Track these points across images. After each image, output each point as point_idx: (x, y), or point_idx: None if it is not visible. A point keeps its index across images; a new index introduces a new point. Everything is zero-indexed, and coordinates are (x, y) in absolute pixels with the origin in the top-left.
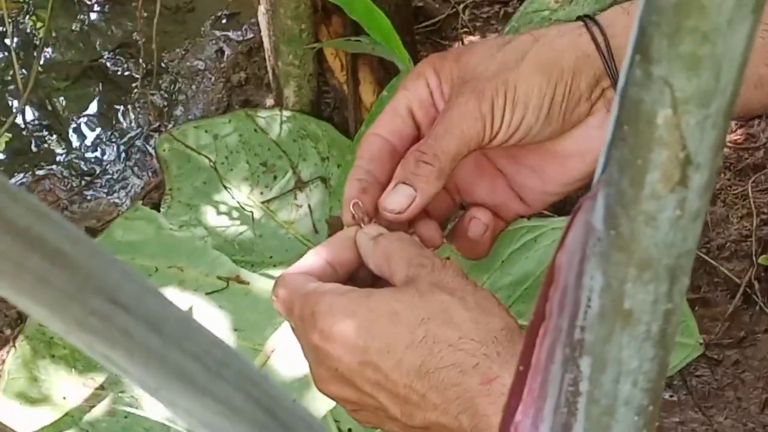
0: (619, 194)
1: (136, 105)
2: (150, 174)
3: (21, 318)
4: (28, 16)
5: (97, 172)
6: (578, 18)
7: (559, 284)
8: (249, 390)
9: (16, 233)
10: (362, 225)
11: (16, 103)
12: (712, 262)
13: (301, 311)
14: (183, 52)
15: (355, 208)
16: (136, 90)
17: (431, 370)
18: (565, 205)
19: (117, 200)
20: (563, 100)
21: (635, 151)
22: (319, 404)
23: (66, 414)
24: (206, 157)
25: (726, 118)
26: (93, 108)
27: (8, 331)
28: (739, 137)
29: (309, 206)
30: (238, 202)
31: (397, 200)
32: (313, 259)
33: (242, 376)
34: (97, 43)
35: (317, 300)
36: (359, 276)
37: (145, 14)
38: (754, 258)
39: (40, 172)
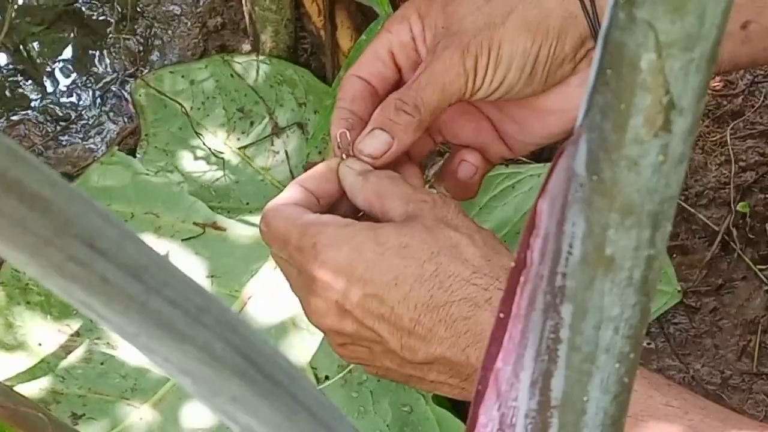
0: (601, 139)
1: (112, 50)
2: (126, 119)
3: None
4: None
5: (73, 117)
6: None
7: (540, 231)
8: (229, 337)
9: None
10: (344, 157)
11: None
12: (690, 209)
13: (299, 242)
14: None
15: (341, 137)
16: (111, 35)
17: (441, 303)
18: (543, 152)
19: (93, 146)
20: (547, 60)
21: (618, 95)
22: (297, 351)
23: (41, 360)
24: (180, 104)
25: (710, 62)
26: (68, 53)
27: None
28: (717, 84)
29: (286, 152)
30: (214, 149)
31: (374, 145)
32: (297, 189)
33: (222, 322)
34: None
35: (319, 231)
36: (340, 208)
37: None
38: (732, 205)
39: (15, 118)
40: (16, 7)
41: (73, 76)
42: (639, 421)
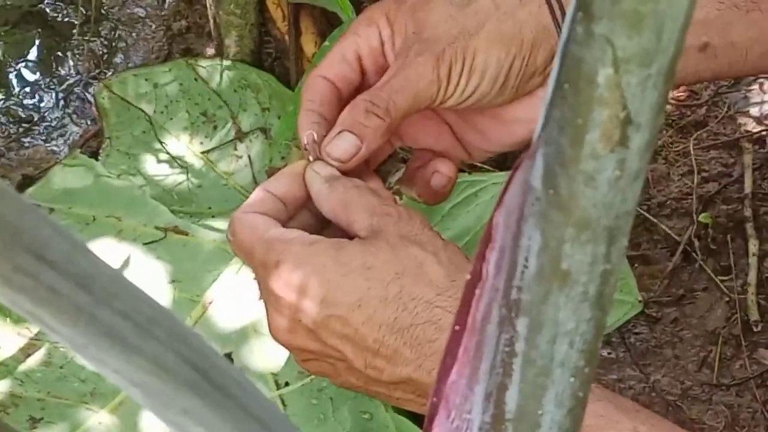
0: (558, 153)
1: (76, 51)
2: (89, 122)
3: None
4: None
5: (35, 119)
6: None
7: (495, 244)
8: (179, 348)
9: None
10: (311, 160)
11: None
12: (653, 219)
13: (264, 258)
14: None
15: (308, 139)
16: (75, 36)
17: (405, 326)
18: (506, 160)
19: (55, 148)
20: (519, 72)
21: (575, 110)
22: (257, 357)
23: (0, 364)
24: (141, 110)
25: (667, 78)
26: (32, 54)
27: None
28: (681, 94)
29: (249, 157)
30: (177, 152)
31: (343, 147)
32: (264, 195)
33: (173, 334)
34: None
35: (283, 249)
36: (308, 211)
37: None
38: (694, 216)
39: None
40: None
41: (37, 77)
42: None
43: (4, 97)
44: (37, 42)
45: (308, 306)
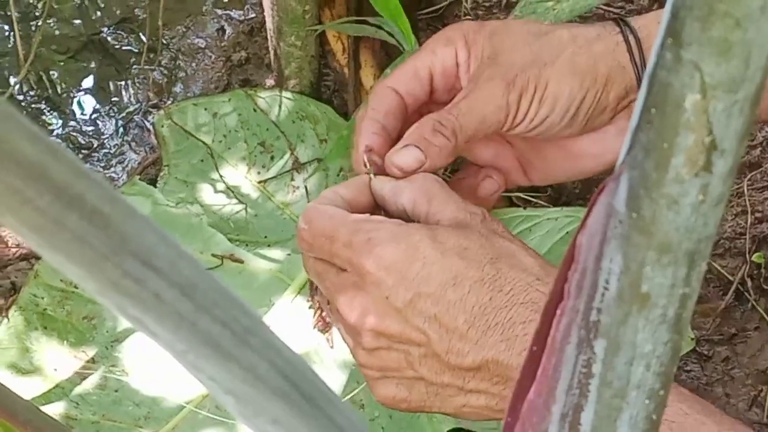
0: (642, 177)
1: (136, 80)
2: (147, 150)
3: (14, 288)
4: None
5: (95, 146)
6: (614, 20)
7: (578, 265)
8: (273, 359)
9: (57, 191)
10: (373, 176)
11: (14, 77)
12: None
13: (350, 237)
14: (184, 30)
15: (368, 155)
16: (135, 65)
17: (500, 307)
18: (560, 196)
19: (114, 174)
20: (591, 106)
21: (661, 134)
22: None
23: (56, 386)
24: (200, 140)
25: (753, 105)
26: (91, 82)
27: (1, 301)
28: None
29: (306, 188)
30: (234, 182)
31: (406, 160)
32: (333, 195)
33: (267, 344)
34: (98, 17)
35: (374, 227)
36: None
37: None
38: (747, 255)
39: None
40: (40, 35)
41: (97, 105)
42: None
43: (63, 124)
44: (97, 70)
45: (398, 282)
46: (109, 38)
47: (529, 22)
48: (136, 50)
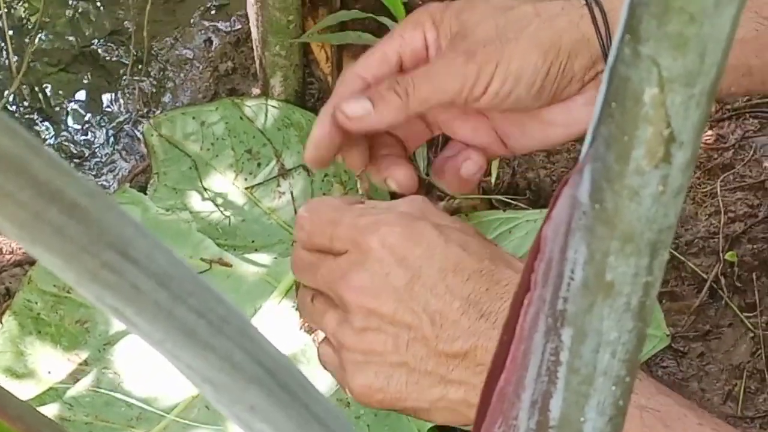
0: (604, 169)
1: (126, 91)
2: (137, 158)
3: (9, 294)
4: (21, 2)
5: (86, 155)
6: None
7: (544, 256)
8: (248, 347)
9: (37, 186)
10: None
11: (7, 89)
12: (680, 257)
13: (355, 220)
14: (172, 41)
15: (362, 175)
16: (125, 77)
17: (495, 297)
18: (539, 198)
19: (105, 182)
20: (556, 78)
21: (622, 127)
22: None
23: (50, 388)
24: (184, 152)
25: (710, 98)
26: (83, 93)
27: None
28: (709, 138)
29: (291, 194)
30: (222, 189)
31: (354, 108)
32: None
33: (242, 333)
34: (89, 30)
35: (381, 212)
36: None
37: (136, 3)
38: (720, 254)
39: None
40: (33, 48)
41: (88, 115)
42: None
43: (56, 134)
44: (88, 82)
45: (401, 262)
46: (99, 50)
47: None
48: (126, 62)
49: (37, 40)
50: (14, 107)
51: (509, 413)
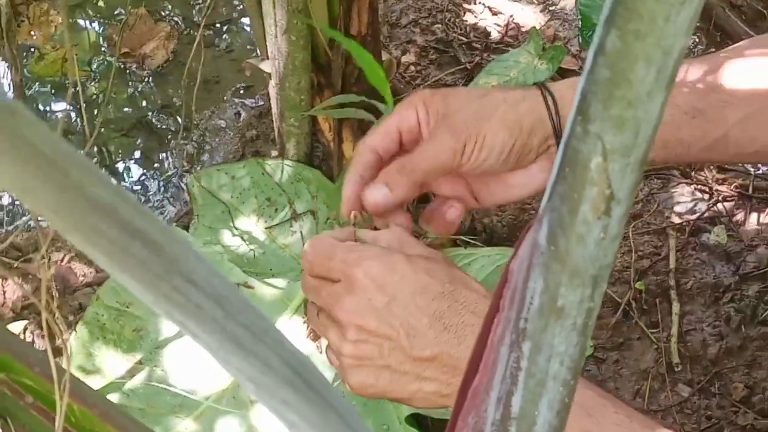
0: (559, 219)
1: (173, 152)
2: (182, 204)
3: (81, 308)
4: (93, 82)
5: (142, 201)
6: (536, 84)
7: (510, 285)
8: (282, 353)
9: (123, 225)
10: (353, 216)
11: (80, 149)
12: None
13: (346, 254)
14: (210, 114)
15: (355, 214)
16: (173, 141)
17: (454, 313)
18: (492, 238)
19: None
20: (519, 151)
21: (573, 187)
22: None
23: (112, 382)
24: (219, 199)
25: (641, 165)
26: (139, 153)
27: (71, 318)
28: None
29: (301, 233)
30: (247, 228)
31: (376, 195)
32: (331, 238)
33: (277, 342)
34: (145, 104)
35: (364, 248)
36: None
37: (182, 84)
38: (632, 283)
39: None
40: (101, 118)
41: (143, 170)
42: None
43: (117, 184)
44: (144, 144)
45: (380, 289)
46: (153, 120)
47: (472, 88)
48: (174, 129)
49: (104, 111)
50: None
51: (480, 407)
